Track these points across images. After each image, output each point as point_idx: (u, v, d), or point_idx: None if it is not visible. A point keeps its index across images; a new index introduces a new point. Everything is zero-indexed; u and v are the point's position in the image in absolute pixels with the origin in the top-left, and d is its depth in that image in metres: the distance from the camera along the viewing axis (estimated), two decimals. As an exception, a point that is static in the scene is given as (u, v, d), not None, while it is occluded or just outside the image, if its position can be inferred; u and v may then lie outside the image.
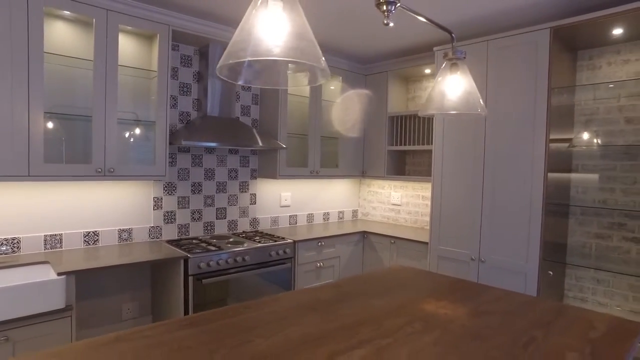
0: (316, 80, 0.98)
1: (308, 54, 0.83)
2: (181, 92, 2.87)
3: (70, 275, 1.96)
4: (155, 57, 2.53)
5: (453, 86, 1.42)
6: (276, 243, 2.81)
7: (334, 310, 1.46)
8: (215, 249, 2.54)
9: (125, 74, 2.56)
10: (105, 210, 2.59)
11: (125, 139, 2.61)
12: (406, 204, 3.76)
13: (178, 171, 2.88)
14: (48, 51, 2.23)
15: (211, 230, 3.09)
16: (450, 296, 1.67)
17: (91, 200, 2.53)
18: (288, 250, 2.87)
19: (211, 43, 2.80)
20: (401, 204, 3.80)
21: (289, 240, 2.89)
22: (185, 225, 2.94)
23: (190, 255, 2.37)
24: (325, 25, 2.80)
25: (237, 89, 3.15)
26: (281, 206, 3.53)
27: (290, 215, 3.61)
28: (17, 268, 2.05)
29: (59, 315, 1.89)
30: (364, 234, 3.45)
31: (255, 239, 2.91)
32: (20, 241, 2.27)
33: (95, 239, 2.55)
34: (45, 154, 2.19)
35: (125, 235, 2.66)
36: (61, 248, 2.42)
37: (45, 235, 2.36)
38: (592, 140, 2.65)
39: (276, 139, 3.10)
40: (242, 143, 2.73)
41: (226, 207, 3.16)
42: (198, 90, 2.94)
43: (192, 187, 2.96)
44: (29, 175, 2.04)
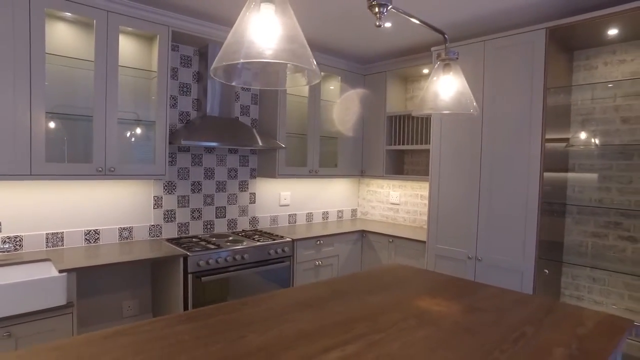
0: (307, 82, 1.01)
1: (299, 57, 0.86)
2: (181, 92, 2.90)
3: (72, 273, 1.99)
4: (155, 58, 2.56)
5: (446, 86, 1.45)
6: (275, 242, 2.84)
7: (330, 307, 1.49)
8: (214, 247, 2.57)
9: (126, 74, 2.59)
10: (106, 209, 2.62)
11: (126, 138, 2.64)
12: (405, 203, 3.79)
13: (178, 170, 2.92)
14: (49, 52, 2.26)
15: (211, 229, 3.12)
16: (445, 294, 1.69)
17: (92, 199, 2.56)
18: (287, 248, 2.90)
19: (210, 43, 2.83)
20: (400, 203, 3.83)
21: (287, 239, 2.92)
22: (185, 224, 2.97)
23: (189, 254, 2.40)
24: (324, 25, 2.83)
25: (237, 89, 3.18)
26: (280, 205, 3.56)
27: (289, 215, 3.63)
28: (20, 265, 2.09)
29: (61, 312, 1.92)
30: (363, 233, 3.48)
31: (255, 237, 2.94)
32: (22, 239, 2.31)
33: (96, 238, 2.58)
34: (47, 153, 2.22)
35: (125, 233, 2.70)
36: (62, 246, 2.46)
37: (46, 233, 2.39)
38: (589, 139, 2.67)
39: (275, 139, 3.13)
40: (242, 143, 2.76)
41: (226, 206, 3.19)
42: (198, 90, 2.97)
43: (192, 186, 3.00)
44: (31, 175, 2.07)
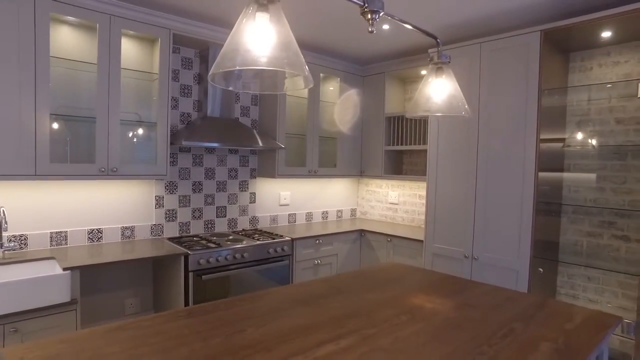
0: (300, 86, 1.05)
1: (292, 63, 0.91)
2: (182, 94, 2.95)
3: (75, 271, 2.04)
4: (156, 60, 2.61)
5: (438, 89, 1.49)
6: (274, 240, 2.89)
7: (325, 304, 1.53)
8: (215, 246, 2.62)
9: (128, 76, 2.64)
10: (109, 208, 2.67)
11: (128, 139, 2.69)
12: (403, 203, 3.83)
13: (179, 171, 2.97)
14: (54, 55, 2.31)
15: (211, 228, 3.17)
16: (439, 291, 1.74)
17: (95, 199, 2.62)
18: (286, 247, 2.94)
19: (211, 46, 2.88)
20: (398, 203, 3.87)
21: (287, 238, 2.97)
22: (186, 223, 3.02)
23: (190, 252, 2.45)
24: (323, 27, 2.87)
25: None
26: (280, 205, 3.61)
27: (289, 214, 3.68)
28: (25, 263, 2.14)
29: (65, 308, 1.98)
30: (362, 232, 3.52)
31: (255, 236, 2.99)
32: (27, 238, 2.36)
33: (99, 237, 2.63)
34: (51, 154, 2.27)
35: (127, 232, 2.75)
36: (66, 245, 2.51)
37: (51, 232, 2.45)
38: (584, 140, 2.70)
39: (275, 139, 3.18)
40: (242, 143, 2.80)
41: (226, 206, 3.24)
42: (198, 91, 3.02)
43: (193, 186, 3.05)
44: (36, 175, 2.13)
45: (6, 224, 2.06)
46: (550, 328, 1.35)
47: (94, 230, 2.61)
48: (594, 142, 2.66)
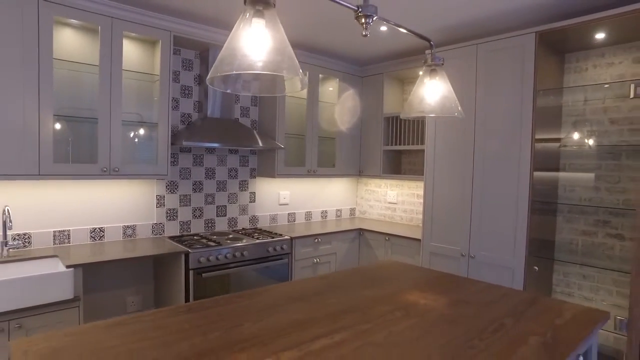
0: (297, 88, 1.09)
1: (287, 67, 0.94)
2: (183, 95, 2.99)
3: (78, 268, 2.09)
4: (157, 62, 2.65)
5: (432, 91, 1.52)
6: (274, 239, 2.93)
7: (322, 300, 1.57)
8: (215, 244, 2.66)
9: (129, 77, 2.68)
10: (111, 207, 2.72)
11: (130, 139, 2.74)
12: (402, 202, 3.87)
13: (180, 170, 3.01)
14: (57, 57, 2.35)
15: (212, 227, 3.21)
16: (433, 288, 1.78)
17: (97, 198, 2.66)
18: (285, 246, 2.98)
19: (211, 47, 2.92)
20: (397, 202, 3.90)
21: (286, 237, 3.01)
22: (186, 222, 3.06)
23: (191, 250, 2.49)
24: (323, 29, 2.91)
25: (237, 91, 3.26)
26: (280, 204, 3.65)
27: (288, 213, 3.72)
28: (29, 261, 2.18)
29: (68, 305, 2.02)
30: (360, 231, 3.56)
31: (254, 235, 3.03)
32: (31, 236, 2.41)
33: (101, 235, 2.68)
34: (54, 154, 2.32)
35: (129, 231, 2.79)
36: (69, 243, 2.55)
37: (54, 231, 2.49)
38: (579, 140, 2.74)
39: (274, 139, 3.22)
40: (242, 143, 2.84)
41: (226, 205, 3.28)
42: (199, 92, 3.06)
43: (194, 186, 3.09)
44: (39, 175, 2.17)
45: (11, 223, 2.10)
46: (540, 323, 1.39)
47: (96, 229, 2.65)
48: (589, 142, 2.69)
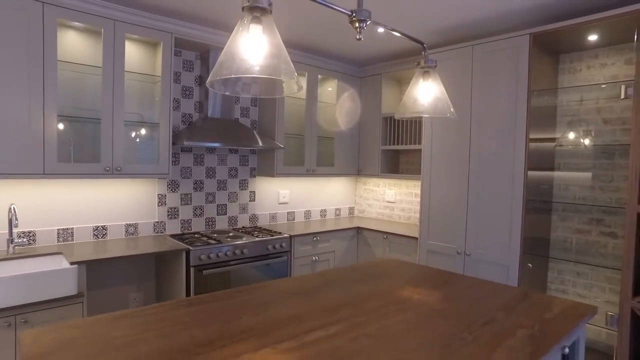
0: (293, 90, 1.14)
1: (283, 71, 0.99)
2: (183, 95, 3.05)
3: (82, 265, 2.14)
4: (159, 63, 2.70)
5: (424, 92, 1.57)
6: (273, 237, 2.98)
7: (318, 295, 1.62)
8: (215, 242, 2.71)
9: (131, 79, 2.74)
10: (113, 206, 2.77)
11: (132, 139, 2.79)
12: (400, 201, 3.92)
13: (181, 170, 3.06)
14: (61, 59, 2.41)
15: (212, 226, 3.26)
16: (427, 284, 1.82)
17: (100, 197, 2.71)
18: (284, 244, 3.03)
19: (211, 49, 2.97)
20: (395, 201, 3.95)
21: (285, 235, 3.06)
22: (187, 221, 3.12)
23: (191, 248, 2.54)
24: (321, 31, 2.96)
25: (237, 91, 3.31)
26: (279, 203, 3.70)
27: (288, 212, 3.77)
28: (34, 258, 2.24)
29: (72, 301, 2.07)
30: (359, 230, 3.61)
31: (254, 233, 3.08)
32: (35, 234, 2.46)
33: (104, 233, 2.73)
34: (59, 154, 2.37)
35: (131, 229, 2.85)
36: (72, 241, 2.61)
37: (58, 229, 2.55)
38: (573, 139, 2.78)
39: (274, 139, 3.27)
40: (242, 143, 2.90)
41: (226, 204, 3.34)
42: (199, 93, 3.11)
43: (194, 185, 3.14)
44: (44, 174, 2.22)
45: (17, 221, 2.16)
46: (529, 317, 1.43)
47: (99, 227, 2.71)
48: (583, 142, 2.73)
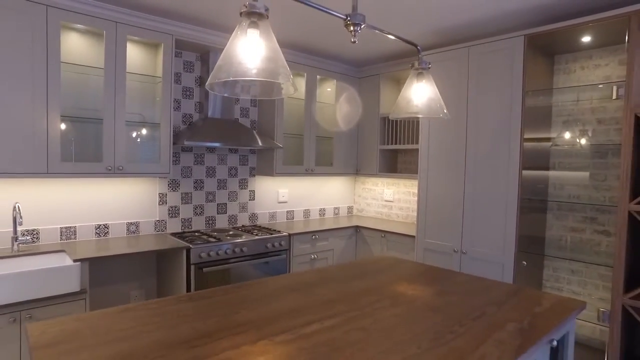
0: (290, 92, 1.18)
1: (279, 74, 1.04)
2: (184, 96, 3.09)
3: (84, 262, 2.19)
4: (160, 64, 2.75)
5: (418, 93, 1.62)
6: (272, 236, 3.02)
7: (315, 291, 1.67)
8: (215, 240, 2.76)
9: (133, 79, 2.78)
10: (115, 205, 2.82)
11: (133, 139, 2.84)
12: (398, 200, 3.96)
13: (181, 169, 3.11)
14: (64, 60, 2.45)
15: (212, 224, 3.31)
16: (422, 280, 1.87)
17: (102, 196, 2.76)
18: (283, 242, 3.08)
19: (211, 50, 3.01)
20: (393, 200, 4.00)
21: (284, 233, 3.11)
22: (188, 219, 3.16)
23: (192, 246, 2.59)
24: (320, 32, 3.00)
25: (237, 92, 3.36)
26: (279, 202, 3.74)
27: (287, 211, 3.82)
28: (37, 256, 2.29)
29: (75, 297, 2.12)
30: (357, 228, 3.66)
31: (253, 232, 3.12)
32: (39, 232, 2.51)
33: (106, 231, 2.78)
34: (62, 153, 2.42)
35: (132, 228, 2.89)
36: (75, 239, 2.65)
37: (61, 227, 2.59)
38: (568, 139, 2.82)
39: (273, 139, 3.31)
40: (242, 143, 2.94)
41: (226, 203, 3.38)
42: (200, 93, 3.16)
43: (195, 184, 3.19)
44: (48, 173, 2.27)
45: (21, 219, 2.20)
46: (519, 311, 1.48)
47: (101, 225, 2.76)
48: (578, 141, 2.78)
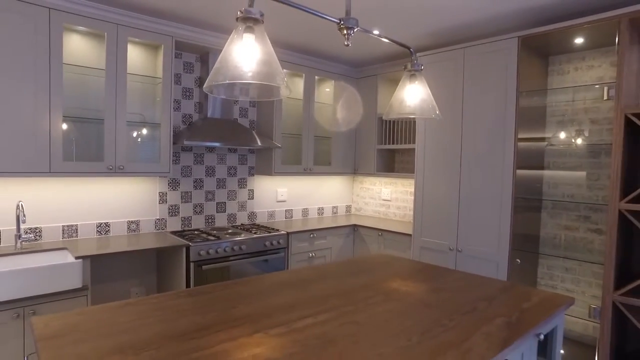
0: (286, 94, 1.22)
1: (274, 77, 1.08)
2: (184, 96, 3.14)
3: (86, 259, 2.23)
4: (160, 65, 2.79)
5: (411, 94, 1.66)
6: (270, 234, 3.07)
7: (311, 286, 1.71)
8: (214, 238, 2.80)
9: (133, 80, 2.83)
10: (116, 203, 2.86)
11: (134, 139, 2.88)
12: (395, 200, 4.00)
13: (181, 168, 3.15)
14: (66, 62, 2.50)
15: (212, 223, 3.36)
16: (416, 277, 1.91)
17: (103, 195, 2.81)
18: (282, 240, 3.12)
19: (211, 51, 3.05)
20: (391, 200, 4.04)
21: (282, 232, 3.15)
22: (188, 218, 3.21)
23: (191, 244, 2.63)
24: (318, 34, 3.05)
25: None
26: (277, 201, 3.79)
27: (286, 210, 3.86)
28: (40, 253, 2.33)
29: (77, 294, 2.17)
30: (355, 227, 3.70)
31: (252, 230, 3.17)
32: (41, 230, 2.56)
33: (107, 230, 2.83)
34: (64, 153, 2.46)
35: (133, 226, 2.94)
36: (77, 237, 2.70)
37: (63, 225, 2.64)
38: (563, 139, 2.86)
39: (272, 139, 3.36)
40: (241, 143, 2.99)
41: (226, 202, 3.43)
42: (199, 94, 3.20)
43: (194, 183, 3.23)
44: (50, 172, 2.32)
45: (24, 217, 2.25)
46: (509, 307, 1.52)
47: (102, 224, 2.80)
48: (572, 141, 2.82)
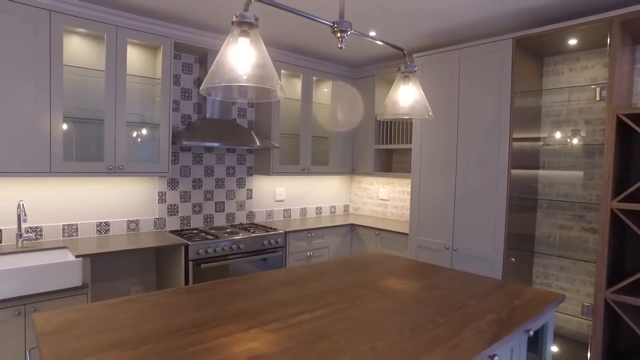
0: (283, 95, 1.26)
1: (268, 80, 1.11)
2: (183, 97, 3.17)
3: (86, 258, 2.27)
4: (159, 66, 2.82)
5: (405, 95, 1.69)
6: (269, 233, 3.10)
7: (307, 284, 1.75)
8: (212, 237, 2.83)
9: (133, 81, 2.86)
10: (115, 203, 2.90)
11: (133, 139, 2.92)
12: (393, 199, 4.03)
13: (180, 168, 3.19)
14: (66, 63, 2.53)
15: (210, 222, 3.39)
16: (410, 275, 1.94)
17: (103, 195, 2.84)
18: (280, 240, 3.15)
19: (209, 52, 3.09)
20: (388, 199, 4.07)
21: (280, 231, 3.18)
22: (186, 217, 3.24)
23: (190, 243, 2.67)
24: (316, 35, 3.08)
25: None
26: (276, 201, 3.82)
27: (284, 209, 3.89)
28: (41, 252, 2.37)
29: (77, 292, 2.20)
30: (352, 227, 3.73)
31: (250, 229, 3.20)
32: (42, 229, 2.59)
33: (107, 229, 2.86)
34: (64, 153, 2.50)
35: (133, 225, 2.97)
36: (77, 236, 2.73)
37: (63, 224, 2.67)
38: (557, 139, 2.90)
39: (270, 139, 3.39)
40: (240, 143, 3.02)
41: (224, 201, 3.46)
42: (198, 94, 3.23)
43: (193, 183, 3.26)
44: (51, 172, 2.35)
45: (25, 216, 2.28)
46: (500, 304, 1.55)
47: (102, 223, 2.83)
48: (566, 141, 2.85)
